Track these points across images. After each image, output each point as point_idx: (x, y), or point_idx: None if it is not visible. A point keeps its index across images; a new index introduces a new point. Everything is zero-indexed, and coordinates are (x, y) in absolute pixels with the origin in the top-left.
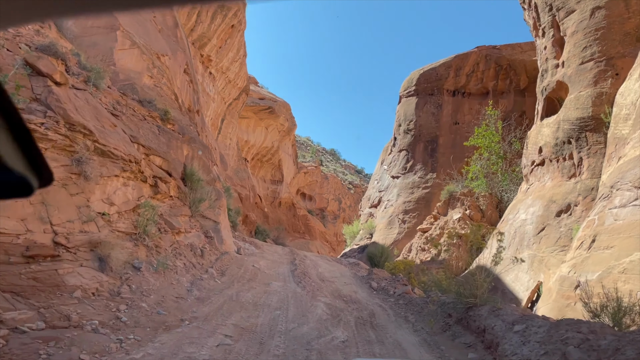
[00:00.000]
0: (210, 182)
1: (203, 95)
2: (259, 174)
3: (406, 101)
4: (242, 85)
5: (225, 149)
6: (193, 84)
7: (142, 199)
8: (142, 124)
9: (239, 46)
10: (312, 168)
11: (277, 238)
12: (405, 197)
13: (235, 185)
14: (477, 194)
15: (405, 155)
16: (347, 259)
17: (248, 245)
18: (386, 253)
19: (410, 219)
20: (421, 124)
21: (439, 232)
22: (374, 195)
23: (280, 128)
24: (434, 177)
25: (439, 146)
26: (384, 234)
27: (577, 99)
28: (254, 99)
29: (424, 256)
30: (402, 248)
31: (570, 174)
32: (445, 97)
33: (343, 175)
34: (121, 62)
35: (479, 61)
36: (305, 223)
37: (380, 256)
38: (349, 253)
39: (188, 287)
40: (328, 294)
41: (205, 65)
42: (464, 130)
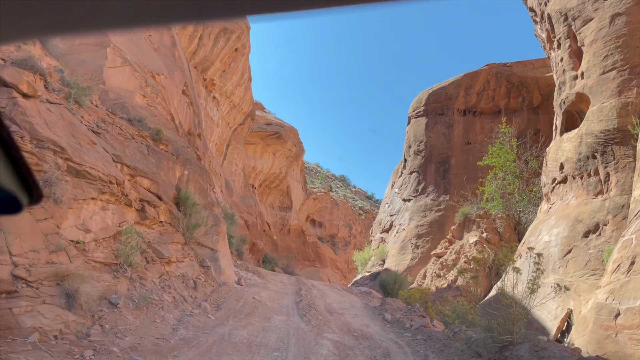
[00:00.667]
0: (208, 207)
1: (206, 120)
2: (267, 200)
3: (416, 122)
4: (248, 110)
5: (230, 175)
6: (193, 106)
7: (125, 224)
8: (129, 143)
9: (244, 70)
10: (321, 194)
11: (286, 266)
12: (417, 220)
13: (242, 212)
14: (494, 215)
15: (416, 177)
16: (358, 287)
17: (251, 274)
18: (400, 280)
19: (423, 243)
20: (432, 145)
21: (454, 257)
22: (385, 219)
23: (288, 154)
24: (447, 199)
25: (451, 167)
26: (396, 259)
27: (600, 110)
28: (260, 125)
29: (439, 282)
30: (416, 274)
31: (596, 191)
32: (455, 117)
33: (353, 201)
34: (111, 80)
35: (489, 79)
36: (316, 250)
37: (394, 284)
38: (360, 281)
39: (174, 325)
40: (336, 329)
41: (208, 89)
42: (477, 150)
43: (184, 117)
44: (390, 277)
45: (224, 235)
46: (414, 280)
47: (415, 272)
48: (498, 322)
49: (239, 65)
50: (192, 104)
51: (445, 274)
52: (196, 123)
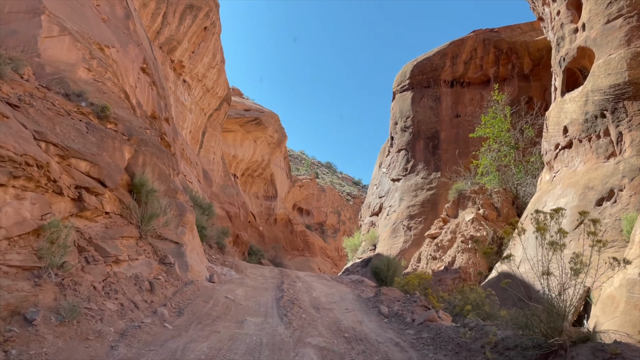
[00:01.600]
0: (170, 194)
1: (177, 105)
2: (250, 190)
3: (401, 97)
4: (223, 94)
5: (209, 165)
6: (157, 87)
7: (50, 217)
8: (62, 119)
9: (215, 50)
10: (307, 181)
11: (274, 258)
12: (408, 200)
13: (223, 203)
14: (490, 190)
15: (404, 155)
16: (349, 275)
17: (227, 269)
18: (393, 265)
19: (416, 224)
20: (419, 120)
21: (450, 237)
22: (374, 202)
23: (269, 140)
24: (439, 176)
25: (440, 142)
26: (388, 243)
27: (607, 63)
28: (238, 111)
29: (435, 265)
30: (410, 258)
31: (608, 154)
32: (443, 89)
33: (340, 186)
34: (48, 52)
35: (476, 47)
36: (304, 239)
37: (387, 270)
38: (351, 268)
39: (114, 341)
40: (324, 329)
41: (177, 72)
42: (467, 123)
43: (145, 99)
44: (383, 263)
45: (192, 227)
46: (408, 264)
47: (409, 255)
48: (540, 318)
49: (209, 46)
50: (155, 85)
51: (441, 255)
52: (162, 106)
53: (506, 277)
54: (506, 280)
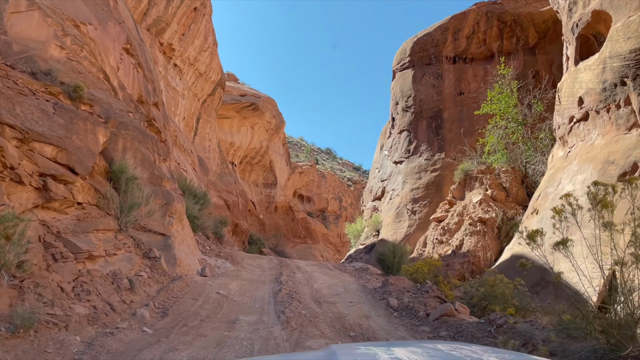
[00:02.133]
0: (155, 181)
1: (168, 90)
2: (249, 178)
3: (401, 75)
4: (217, 79)
5: (204, 152)
6: (144, 70)
7: (4, 208)
8: (24, 99)
9: (207, 33)
10: (307, 167)
11: (276, 246)
12: (412, 183)
13: (220, 191)
14: (498, 169)
15: (406, 136)
16: (353, 263)
17: (222, 261)
18: (400, 251)
19: (420, 208)
20: (421, 99)
21: (457, 219)
22: (376, 186)
23: (267, 126)
24: (443, 157)
25: (444, 121)
26: (392, 228)
27: (626, 26)
28: (234, 96)
29: (442, 249)
30: (416, 243)
31: (629, 124)
32: (445, 66)
33: (341, 172)
34: (15, 28)
35: (478, 20)
36: (306, 227)
37: (393, 257)
38: (354, 255)
39: (78, 353)
40: (326, 328)
41: (167, 56)
42: (471, 100)
43: (130, 81)
44: (388, 249)
45: (181, 216)
46: (414, 249)
47: (414, 240)
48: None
49: (200, 28)
50: (141, 67)
51: (448, 239)
52: (150, 90)
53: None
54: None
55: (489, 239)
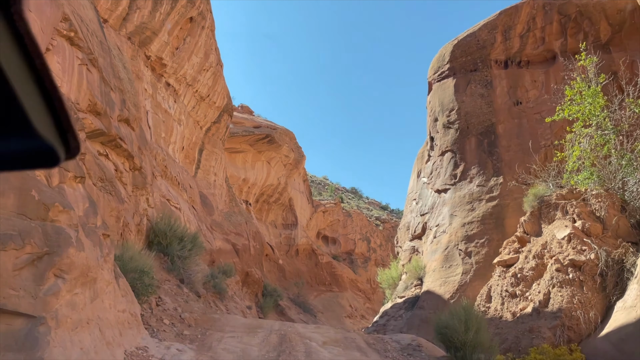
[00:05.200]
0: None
1: (158, 113)
2: (267, 218)
3: (440, 86)
4: (222, 104)
5: (208, 188)
6: (102, 72)
7: None
8: None
9: (208, 50)
10: (331, 206)
11: (297, 296)
12: (462, 217)
13: (228, 233)
14: (587, 193)
15: (451, 158)
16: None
17: (177, 348)
18: (475, 321)
19: (477, 248)
20: (467, 112)
21: (534, 263)
22: (415, 221)
23: (285, 160)
24: (501, 181)
25: (498, 137)
26: (440, 276)
27: None
28: (247, 128)
29: (516, 306)
30: (475, 295)
31: None
32: (495, 71)
33: (368, 211)
34: None
35: (534, 15)
36: (331, 272)
37: (465, 330)
38: (391, 312)
39: None
40: None
41: (157, 72)
42: (532, 111)
43: (71, 80)
44: (457, 317)
45: (87, 275)
46: (472, 303)
47: (473, 291)
48: None
49: (199, 42)
50: (96, 67)
51: (524, 290)
52: (115, 100)
53: None
54: None
55: (588, 292)
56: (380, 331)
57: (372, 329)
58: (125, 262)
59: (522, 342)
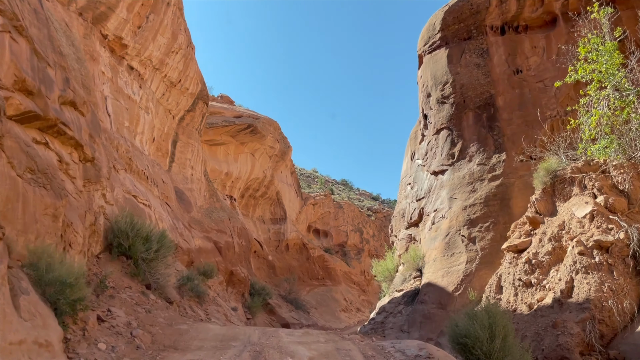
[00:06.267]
0: None
1: (120, 99)
2: (254, 214)
3: (431, 58)
4: (196, 90)
5: (185, 183)
6: (33, 42)
7: None
8: None
9: (176, 30)
10: (321, 198)
11: (289, 293)
12: (463, 199)
13: (209, 231)
14: (607, 164)
15: (447, 136)
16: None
17: None
18: (502, 328)
19: (482, 233)
20: (463, 84)
21: (551, 247)
22: (410, 207)
23: (270, 152)
24: (504, 158)
25: (499, 110)
26: (443, 266)
27: None
28: (227, 118)
29: (533, 297)
30: (483, 286)
31: None
32: (491, 38)
33: (359, 202)
34: None
35: None
36: (324, 265)
37: (491, 338)
38: (389, 307)
39: None
40: None
41: (118, 54)
42: (534, 79)
43: None
44: (478, 322)
45: None
46: (481, 297)
47: (480, 281)
48: None
49: (164, 21)
50: (24, 36)
51: (541, 278)
52: (55, 79)
53: None
54: None
55: (620, 277)
56: (378, 330)
57: (369, 327)
58: (42, 273)
59: (545, 340)
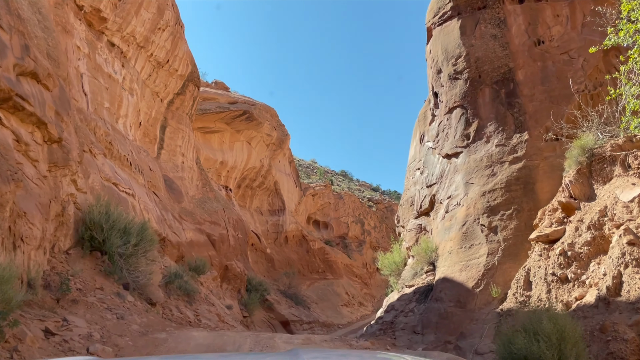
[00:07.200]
0: None
1: (97, 77)
2: (251, 205)
3: (442, 31)
4: (185, 72)
5: (175, 171)
6: None
7: None
8: None
9: (162, 4)
10: (321, 188)
11: (288, 287)
12: (481, 184)
13: (201, 223)
14: None
15: (461, 115)
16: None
17: None
18: (572, 342)
19: (503, 221)
20: (478, 58)
21: (590, 236)
22: (420, 194)
23: (267, 140)
24: (525, 138)
25: (519, 85)
26: (460, 259)
27: None
28: (222, 104)
29: (569, 294)
30: (509, 281)
31: None
32: (508, 7)
33: (360, 192)
34: None
35: None
36: (324, 258)
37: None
38: (398, 305)
39: None
40: None
41: (96, 28)
42: (558, 51)
43: None
44: (542, 337)
45: None
46: (504, 293)
47: (504, 276)
48: None
49: None
50: None
51: (579, 273)
52: (10, 45)
53: None
54: None
55: None
56: (387, 331)
57: (377, 327)
58: None
59: (593, 347)
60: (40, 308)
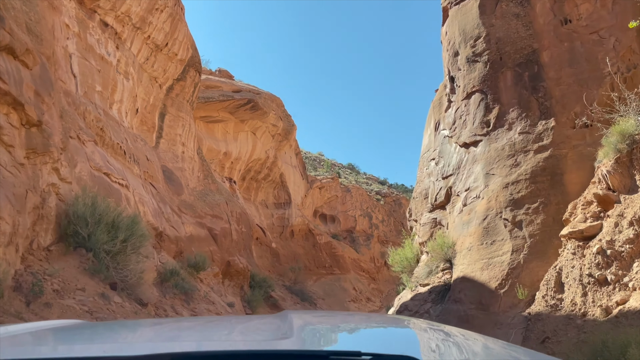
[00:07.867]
0: None
1: (88, 58)
2: (256, 198)
3: (459, 10)
4: (186, 56)
5: (175, 162)
6: None
7: None
8: None
9: None
10: (328, 181)
11: (294, 283)
12: (503, 175)
13: (202, 216)
14: None
15: (480, 100)
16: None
17: None
18: None
19: (529, 216)
20: (499, 38)
21: (632, 233)
22: (435, 186)
23: (272, 130)
24: (552, 125)
25: (544, 68)
26: (481, 256)
27: None
28: (225, 92)
29: (609, 298)
30: (535, 282)
31: None
32: None
33: (367, 185)
34: None
35: None
36: (331, 253)
37: None
38: (412, 305)
39: None
40: None
41: (88, 6)
42: (586, 31)
43: None
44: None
45: None
46: (532, 294)
47: (531, 276)
48: None
49: None
50: None
51: (621, 275)
52: None
53: None
54: None
55: None
56: None
57: None
58: None
59: None
60: (4, 313)
